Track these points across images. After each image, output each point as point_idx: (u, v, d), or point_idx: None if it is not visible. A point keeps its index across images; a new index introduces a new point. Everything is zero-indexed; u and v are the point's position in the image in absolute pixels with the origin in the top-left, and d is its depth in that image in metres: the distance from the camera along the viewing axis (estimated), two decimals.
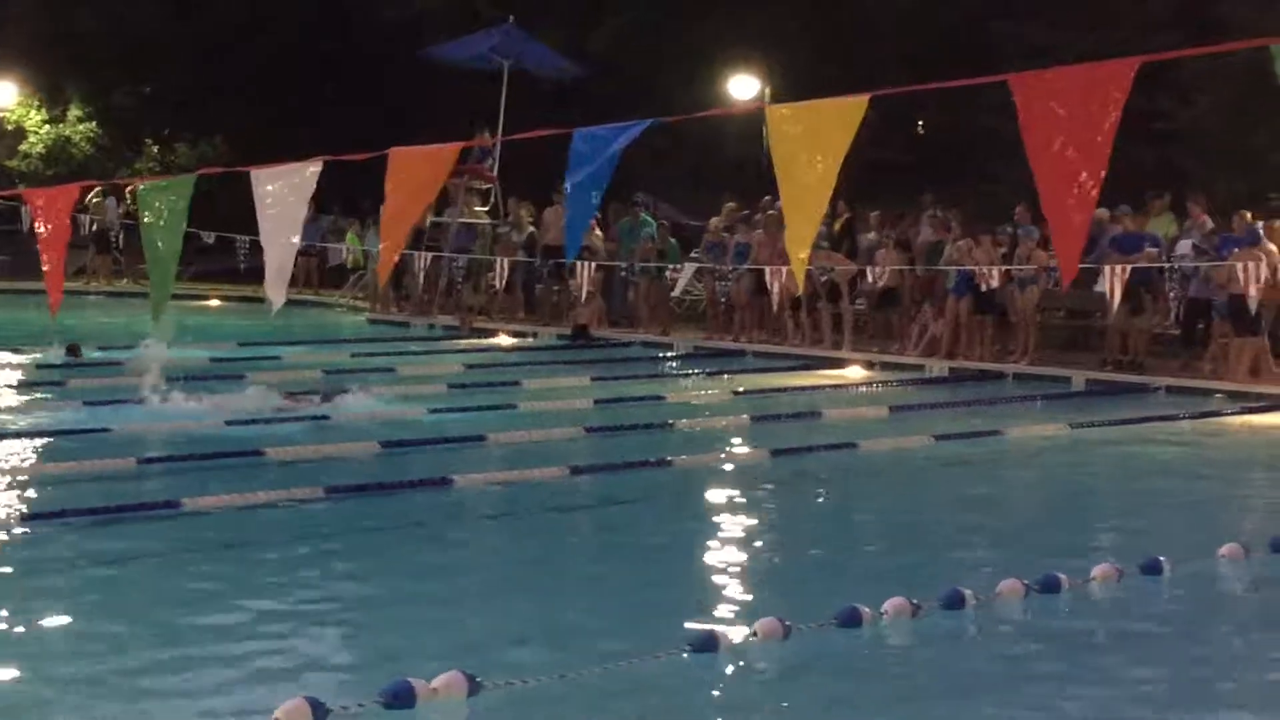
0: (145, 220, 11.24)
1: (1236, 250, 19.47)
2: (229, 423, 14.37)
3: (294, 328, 25.16)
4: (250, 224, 10.71)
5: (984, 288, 21.45)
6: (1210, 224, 21.40)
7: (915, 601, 8.24)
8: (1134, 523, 11.92)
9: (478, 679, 6.70)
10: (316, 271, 33.39)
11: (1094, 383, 20.08)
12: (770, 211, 23.63)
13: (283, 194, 10.68)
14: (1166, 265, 21.09)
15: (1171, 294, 21.43)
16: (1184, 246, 21.00)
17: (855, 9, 36.89)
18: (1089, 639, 8.46)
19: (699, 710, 7.05)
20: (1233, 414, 17.73)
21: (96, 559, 9.47)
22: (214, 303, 31.13)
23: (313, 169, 10.53)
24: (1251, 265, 18.96)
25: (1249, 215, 20.29)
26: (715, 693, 7.25)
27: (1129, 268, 19.89)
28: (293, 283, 30.58)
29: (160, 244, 11.18)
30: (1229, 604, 9.42)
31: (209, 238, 28.64)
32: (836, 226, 24.89)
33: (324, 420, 14.92)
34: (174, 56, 38.31)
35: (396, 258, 11.70)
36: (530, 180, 28.03)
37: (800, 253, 8.96)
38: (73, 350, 19.54)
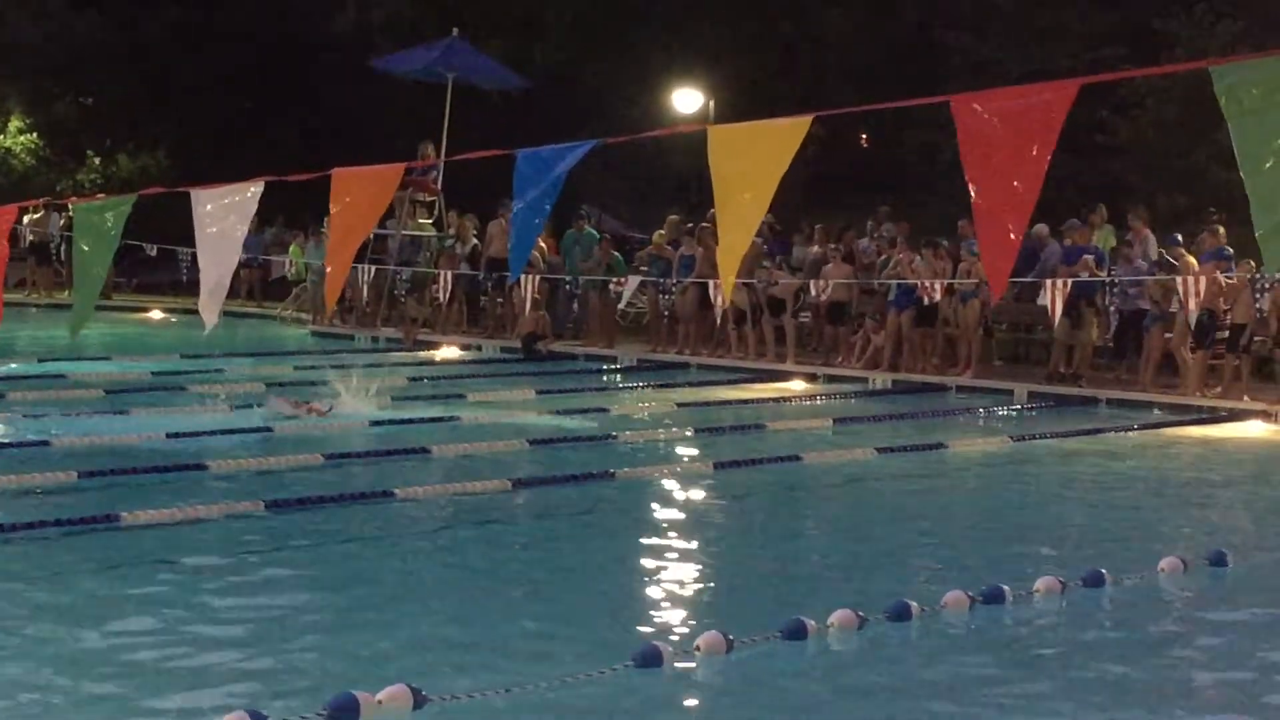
0: (78, 239, 11.16)
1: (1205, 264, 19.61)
2: (170, 435, 14.27)
3: (236, 340, 25.03)
4: (193, 237, 10.64)
5: (926, 301, 21.56)
6: (1152, 238, 21.56)
7: (861, 613, 8.25)
8: (1076, 535, 11.99)
9: (423, 692, 6.67)
10: (259, 284, 33.24)
11: (1036, 396, 20.19)
12: (705, 224, 23.65)
13: (223, 214, 10.62)
14: (1105, 279, 21.22)
15: (1112, 308, 21.57)
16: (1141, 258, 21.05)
17: (800, 23, 37.01)
18: (1033, 651, 8.50)
19: None
20: (1174, 427, 17.85)
21: (34, 572, 9.38)
22: (156, 315, 30.92)
23: (254, 190, 10.47)
24: (1191, 280, 19.13)
25: (1221, 230, 20.44)
26: (659, 707, 7.24)
27: (1070, 281, 20.04)
28: (235, 295, 30.76)
29: (91, 263, 11.09)
30: (1169, 617, 9.47)
31: (151, 250, 28.48)
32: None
33: (267, 433, 14.84)
34: (117, 68, 38.05)
35: (341, 279, 11.64)
36: (474, 193, 27.98)
37: (730, 270, 8.98)
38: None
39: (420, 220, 29.18)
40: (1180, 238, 20.76)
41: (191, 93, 38.00)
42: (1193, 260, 19.93)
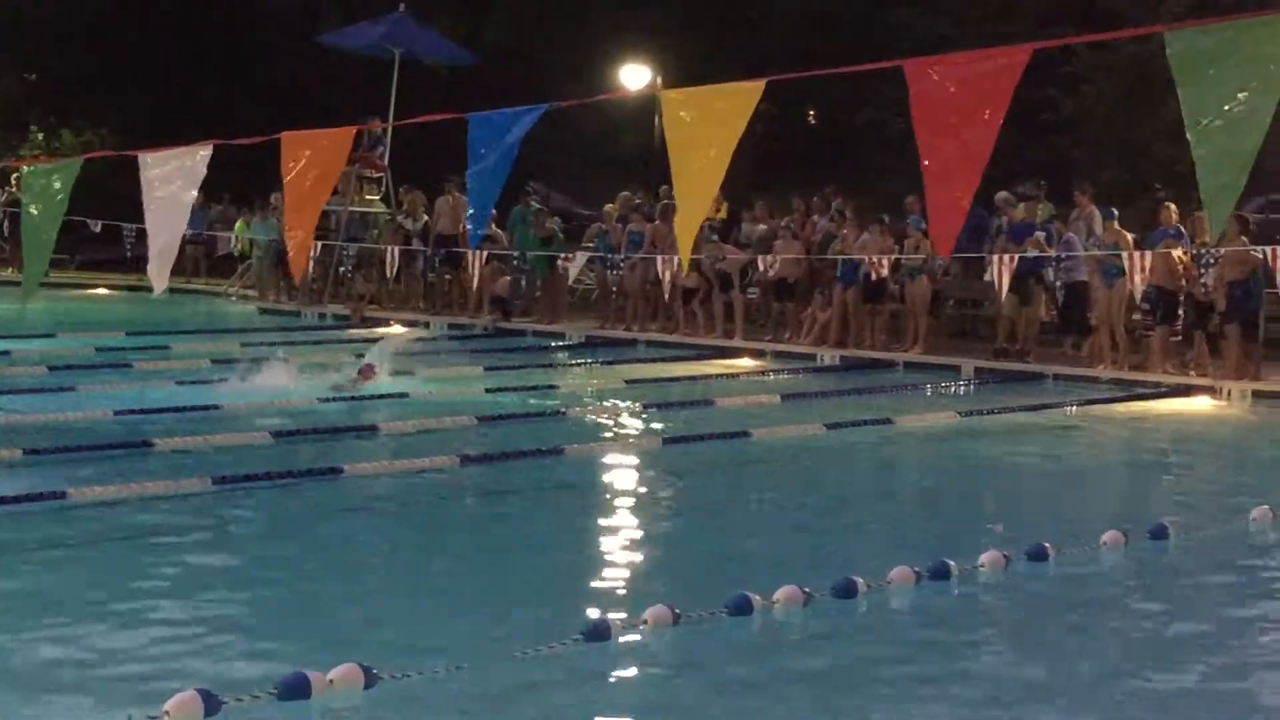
0: (26, 203, 11.09)
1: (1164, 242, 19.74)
2: (118, 413, 14.19)
3: (183, 317, 24.91)
4: (138, 212, 10.58)
5: (874, 276, 21.63)
6: (1097, 214, 21.67)
7: (807, 589, 8.28)
8: (1022, 509, 12.07)
9: (374, 670, 6.67)
10: (205, 260, 33.07)
11: (983, 372, 20.29)
12: (666, 201, 23.64)
13: (171, 179, 10.57)
14: (1053, 255, 21.33)
15: (1058, 283, 21.69)
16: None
17: (749, 1, 36.98)
18: (978, 625, 8.56)
19: (592, 698, 7.05)
20: (1119, 401, 17.98)
21: None
22: (101, 291, 30.74)
23: (202, 153, 10.43)
24: (1137, 256, 19.29)
25: (1172, 207, 20.53)
26: (608, 680, 7.26)
27: (1017, 257, 20.15)
28: (181, 272, 30.57)
29: (39, 228, 11.05)
30: (1110, 589, 9.54)
31: (96, 226, 28.32)
32: (718, 213, 24.96)
33: (214, 410, 14.77)
34: (60, 42, 37.75)
35: (308, 245, 11.62)
36: (421, 169, 27.93)
37: (688, 237, 8.99)
38: None
39: (368, 197, 29.09)
40: (1116, 212, 20.86)
41: (137, 68, 37.73)
42: (1126, 235, 20.10)
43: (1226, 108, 6.66)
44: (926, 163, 7.45)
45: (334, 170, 11.00)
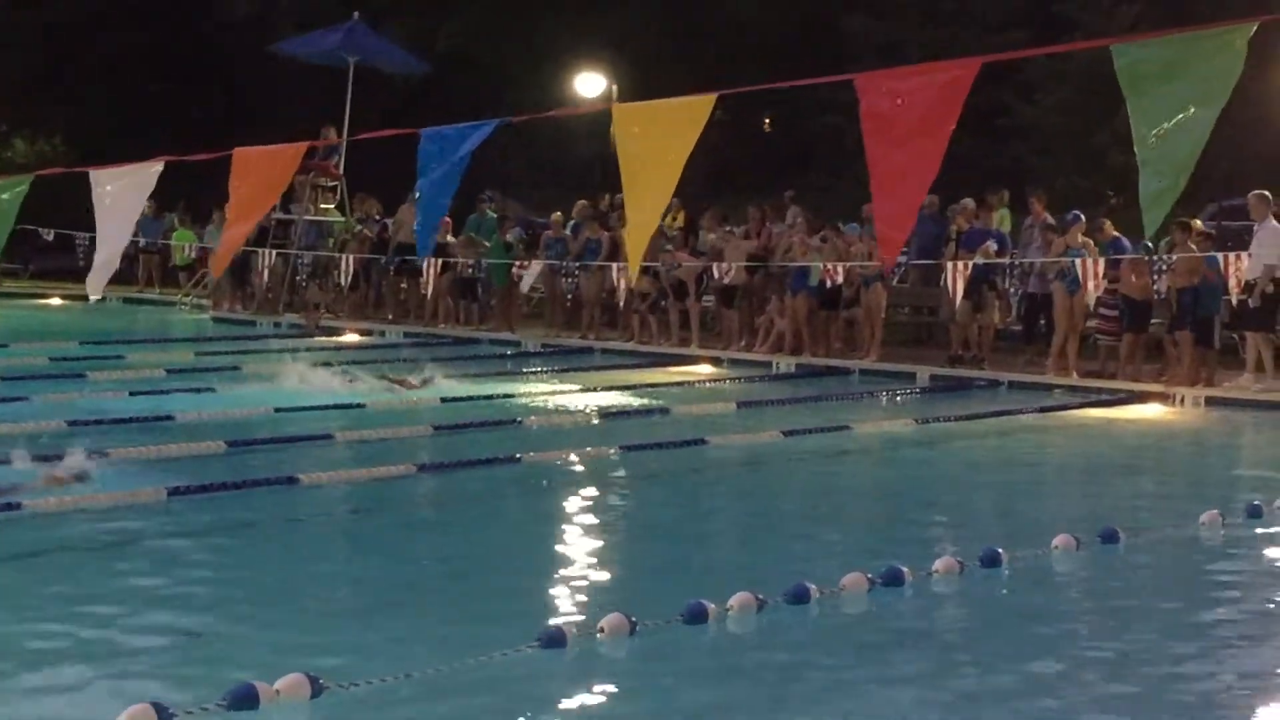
0: None
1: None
2: (70, 423, 14.11)
3: (136, 326, 24.80)
4: (89, 222, 10.56)
5: (828, 284, 21.67)
6: (1051, 220, 21.77)
7: (761, 596, 8.29)
8: (976, 516, 12.11)
9: (320, 680, 6.64)
10: (159, 270, 32.93)
11: (939, 378, 20.35)
12: (619, 210, 23.65)
13: (123, 194, 10.53)
14: (1008, 262, 21.43)
15: (1012, 290, 21.78)
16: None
17: (703, 8, 37.04)
18: (932, 631, 8.58)
19: (546, 707, 7.04)
20: (1073, 408, 18.05)
21: None
22: (55, 301, 30.57)
23: (154, 169, 10.39)
24: (1091, 262, 19.39)
25: (1108, 224, 20.68)
26: (563, 689, 7.25)
27: (970, 264, 20.23)
28: (134, 281, 30.40)
29: None
30: (1062, 594, 9.58)
31: (49, 235, 28.18)
32: (674, 222, 24.95)
33: (167, 420, 14.70)
34: (11, 50, 37.53)
35: (233, 252, 11.61)
36: (377, 177, 27.86)
37: (637, 249, 9.00)
38: None
39: (323, 205, 29.01)
40: (1081, 216, 20.95)
41: (90, 77, 37.58)
42: (1085, 240, 20.21)
43: (1170, 120, 6.72)
44: (875, 174, 7.48)
45: (280, 184, 10.99)
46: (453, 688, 6.95)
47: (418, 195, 10.63)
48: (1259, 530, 11.13)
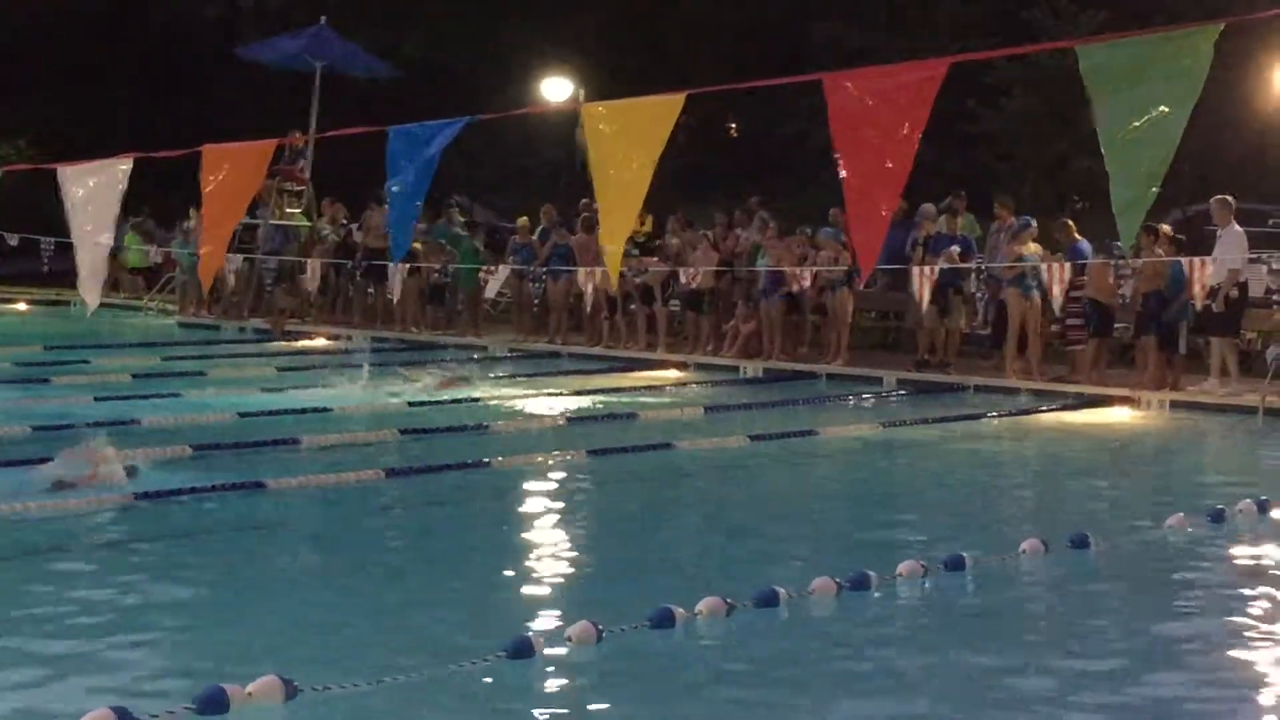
0: None
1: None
2: (36, 428, 14.06)
3: (102, 331, 24.71)
4: (54, 226, 10.52)
5: (795, 288, 21.71)
6: (1016, 225, 21.80)
7: (729, 601, 8.30)
8: (942, 520, 12.13)
9: (294, 683, 6.64)
10: (125, 274, 32.77)
11: (905, 383, 20.40)
12: (586, 214, 23.64)
13: (93, 193, 10.50)
14: (974, 267, 21.50)
15: (978, 294, 21.84)
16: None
17: (671, 14, 37.08)
18: (898, 635, 8.60)
19: (515, 715, 7.05)
20: (1039, 412, 18.11)
21: None
22: (21, 306, 30.42)
23: (123, 166, 10.37)
24: (1056, 267, 19.48)
25: (1071, 224, 20.78)
26: (531, 697, 7.25)
27: (936, 269, 20.28)
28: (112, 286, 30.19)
29: None
30: (1028, 598, 9.62)
31: (13, 240, 28.04)
32: (642, 227, 24.96)
33: (133, 425, 14.65)
34: None
35: (220, 258, 11.56)
36: (343, 182, 27.82)
37: (615, 250, 9.00)
38: None
39: (289, 210, 28.93)
40: (1033, 222, 21.05)
41: (55, 81, 37.37)
42: (1034, 248, 20.33)
43: (1138, 123, 6.74)
44: (846, 177, 7.50)
45: (253, 184, 10.98)
46: (422, 695, 6.95)
47: (389, 197, 10.60)
48: (1223, 534, 11.20)
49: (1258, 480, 13.61)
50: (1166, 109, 6.68)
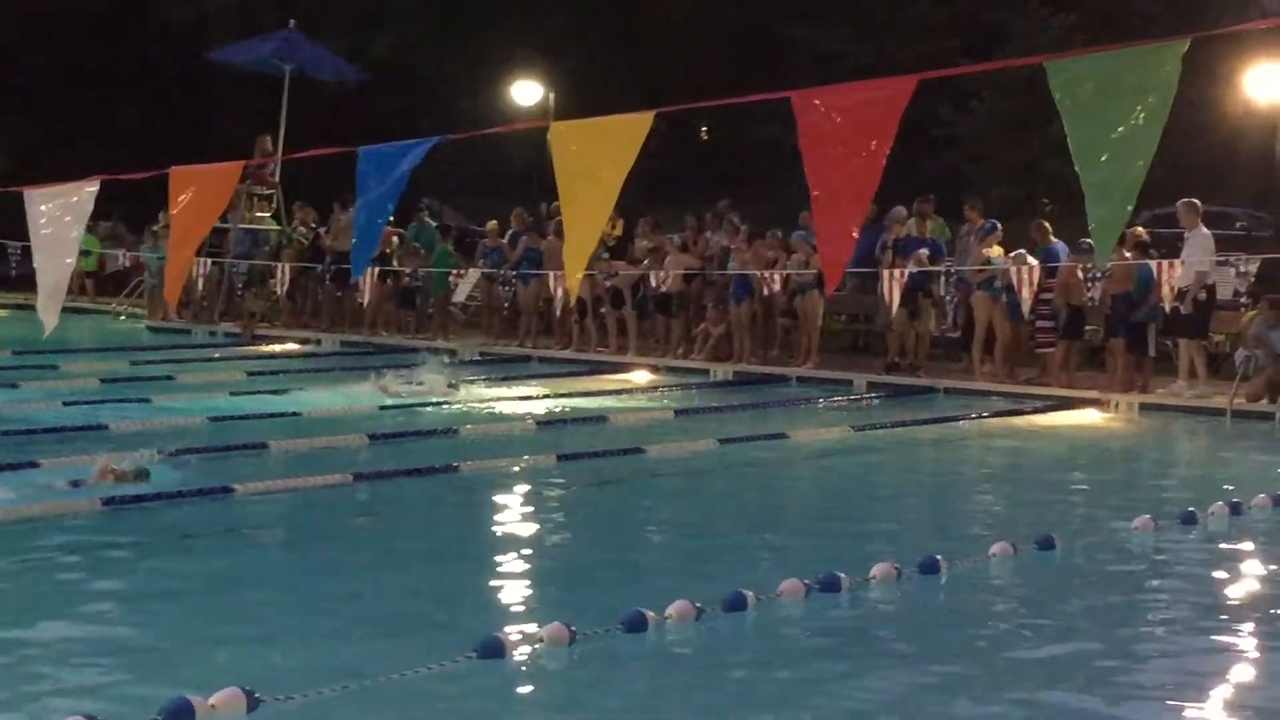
0: None
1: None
2: (3, 433, 13.98)
3: (71, 336, 24.60)
4: (22, 231, 10.46)
5: (765, 292, 21.74)
6: (983, 229, 21.85)
7: (698, 604, 8.29)
8: (912, 522, 12.15)
9: (256, 694, 6.59)
10: (93, 279, 32.66)
11: (876, 386, 20.42)
12: (558, 218, 23.58)
13: (58, 214, 10.44)
14: (943, 270, 21.53)
15: (948, 298, 21.88)
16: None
17: (641, 18, 37.09)
18: (869, 637, 8.60)
19: (485, 718, 7.02)
20: (1009, 415, 18.15)
21: None
22: None
23: (89, 189, 10.31)
24: (1026, 271, 19.53)
25: (1047, 225, 20.85)
26: (502, 699, 7.22)
27: (906, 272, 20.32)
28: (68, 290, 30.01)
29: None
30: (999, 600, 9.62)
31: None
32: (612, 230, 24.94)
33: (101, 430, 14.58)
34: None
35: (185, 272, 11.51)
36: (313, 185, 27.76)
37: (577, 268, 8.98)
38: None
39: (259, 213, 28.87)
40: (999, 226, 21.12)
41: (24, 85, 37.21)
42: (998, 251, 20.40)
43: (1111, 136, 6.74)
44: (816, 194, 7.49)
45: (220, 202, 10.92)
46: (391, 699, 6.91)
47: (356, 216, 10.55)
48: (1191, 536, 11.22)
49: (1226, 482, 13.64)
50: (1137, 123, 6.68)
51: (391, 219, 10.55)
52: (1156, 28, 27.64)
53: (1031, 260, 19.88)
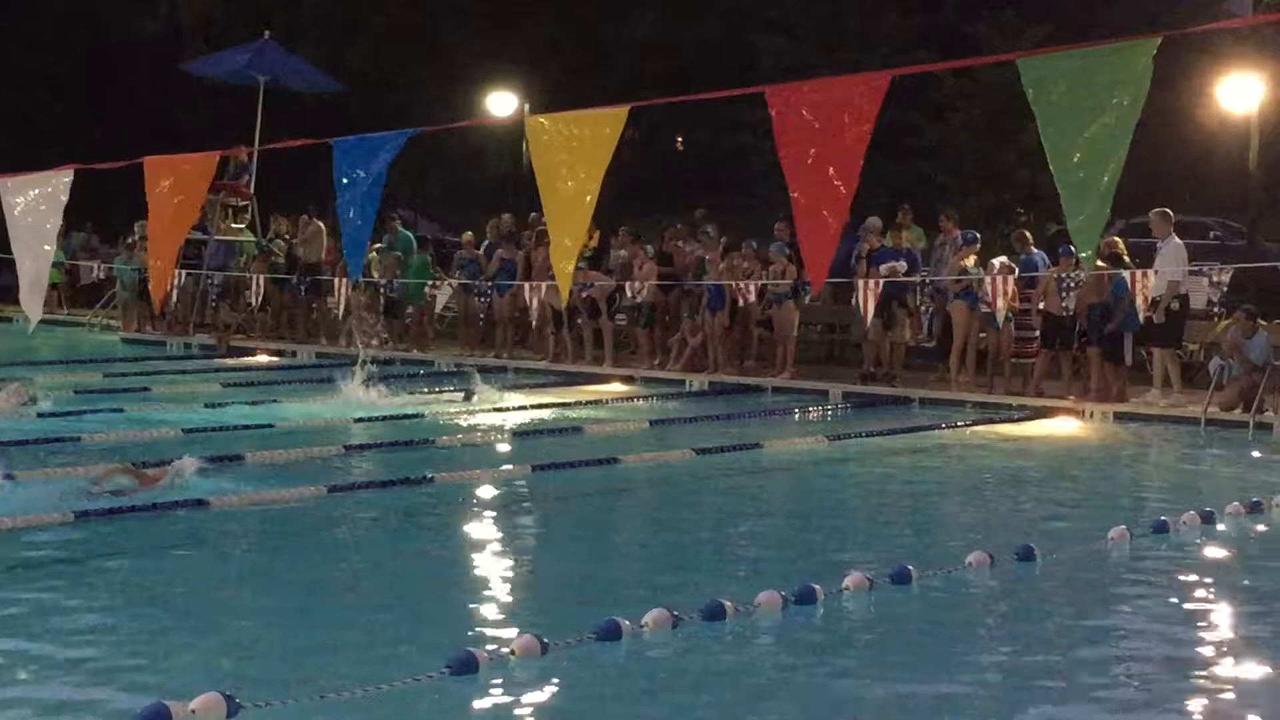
0: None
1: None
2: None
3: (45, 348, 24.53)
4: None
5: (740, 302, 21.76)
6: (960, 237, 21.94)
7: (676, 613, 8.28)
8: (888, 532, 12.14)
9: (236, 700, 6.58)
10: (67, 290, 32.58)
11: (851, 396, 20.45)
12: (540, 228, 23.60)
13: (34, 205, 10.44)
14: (918, 280, 21.58)
15: (924, 308, 21.93)
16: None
17: (617, 29, 37.12)
18: (844, 648, 8.60)
19: None
20: (984, 424, 18.18)
21: None
22: None
23: (65, 178, 10.31)
24: (1000, 281, 19.60)
25: (1028, 235, 20.94)
26: (476, 713, 7.21)
27: (881, 282, 20.36)
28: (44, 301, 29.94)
29: None
30: (975, 610, 9.62)
31: None
32: (588, 241, 24.94)
33: (75, 441, 14.54)
34: None
35: (169, 274, 11.50)
36: (287, 197, 27.73)
37: (565, 264, 8.98)
38: None
39: (234, 225, 28.83)
40: (977, 236, 21.20)
41: None
42: (972, 260, 20.47)
43: (1084, 136, 6.76)
44: (795, 195, 7.49)
45: (197, 198, 10.92)
46: (365, 712, 6.90)
47: (339, 218, 10.53)
48: (1165, 545, 11.25)
49: (1199, 491, 13.68)
50: (1110, 121, 6.70)
51: (372, 219, 10.49)
52: (1130, 35, 27.73)
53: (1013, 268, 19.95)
